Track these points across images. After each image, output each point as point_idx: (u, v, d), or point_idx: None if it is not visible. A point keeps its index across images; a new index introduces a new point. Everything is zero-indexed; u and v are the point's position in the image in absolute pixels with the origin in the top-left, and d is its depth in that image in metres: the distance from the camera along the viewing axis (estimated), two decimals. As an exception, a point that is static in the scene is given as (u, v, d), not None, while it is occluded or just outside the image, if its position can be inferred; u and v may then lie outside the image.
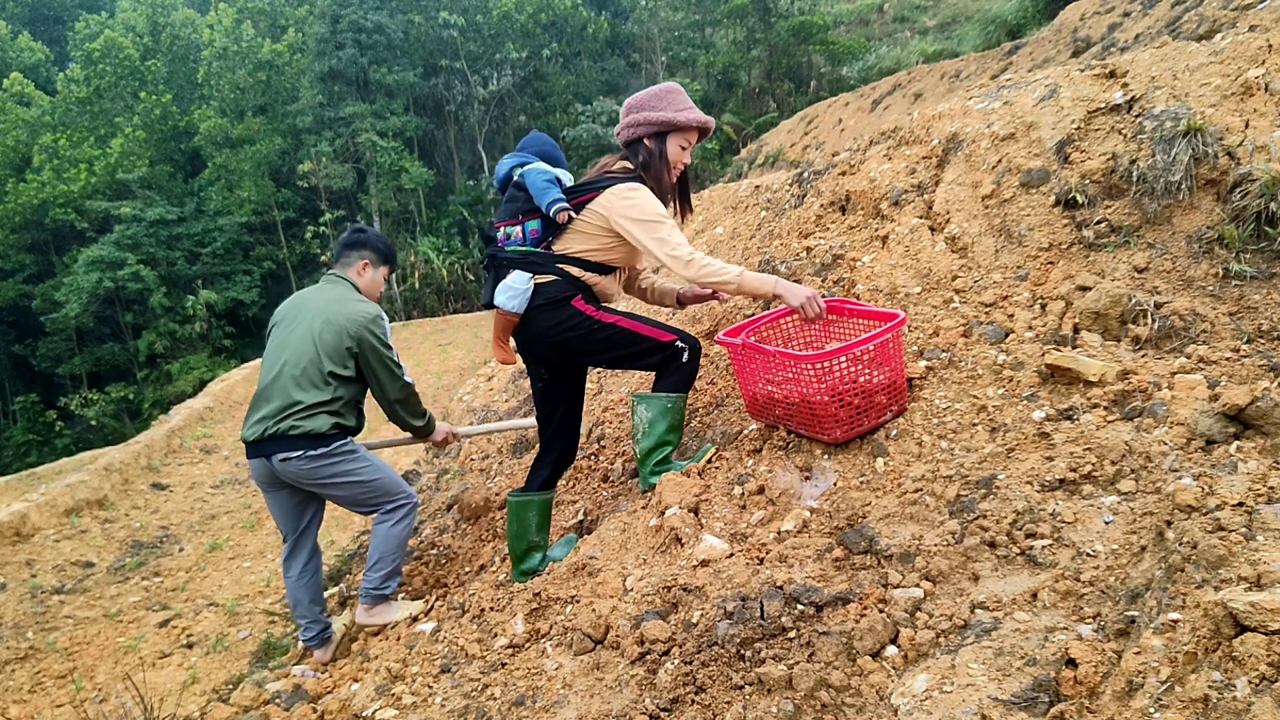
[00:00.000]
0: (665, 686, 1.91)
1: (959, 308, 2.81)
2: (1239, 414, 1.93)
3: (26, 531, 6.40)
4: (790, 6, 21.63)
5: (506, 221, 2.86)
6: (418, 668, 2.56)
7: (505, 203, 2.90)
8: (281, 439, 3.10)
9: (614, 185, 2.77)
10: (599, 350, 2.88)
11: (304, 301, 3.33)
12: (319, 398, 3.13)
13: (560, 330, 2.82)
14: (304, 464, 3.12)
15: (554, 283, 2.81)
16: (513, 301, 2.79)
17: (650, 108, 2.81)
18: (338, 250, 3.51)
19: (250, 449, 3.20)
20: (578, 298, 2.82)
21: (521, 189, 2.85)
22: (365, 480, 3.25)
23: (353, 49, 22.93)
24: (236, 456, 8.95)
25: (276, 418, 3.10)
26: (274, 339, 3.29)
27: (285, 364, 3.16)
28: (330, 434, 3.15)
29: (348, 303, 3.25)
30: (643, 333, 2.84)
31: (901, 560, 2.01)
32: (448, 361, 12.65)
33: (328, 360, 3.14)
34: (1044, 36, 9.20)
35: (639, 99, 2.85)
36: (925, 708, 1.57)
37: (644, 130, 2.82)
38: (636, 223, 2.70)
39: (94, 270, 21.43)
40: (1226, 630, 1.34)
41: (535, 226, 2.82)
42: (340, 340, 3.15)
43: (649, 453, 2.93)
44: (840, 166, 3.84)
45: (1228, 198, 2.52)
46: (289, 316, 3.30)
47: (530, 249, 2.83)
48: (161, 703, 3.65)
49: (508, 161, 2.97)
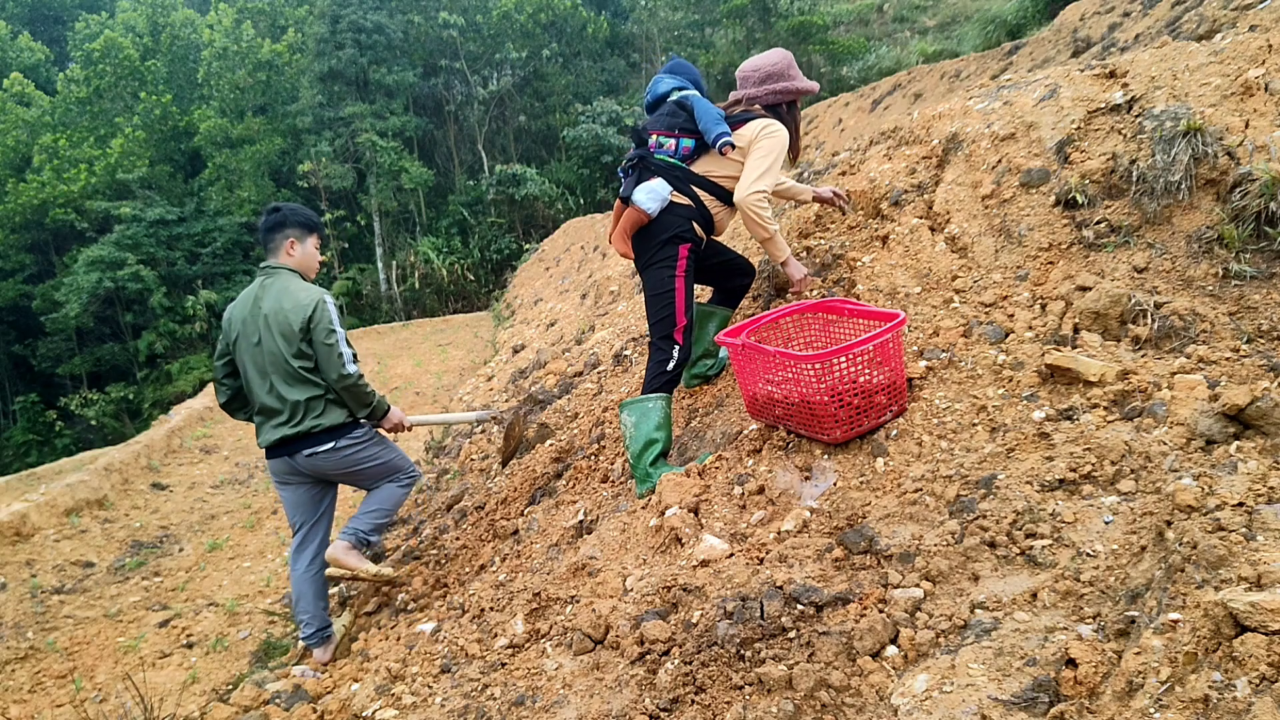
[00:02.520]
0: (665, 686, 1.91)
1: (959, 308, 2.81)
2: (1239, 414, 1.93)
3: (26, 531, 6.40)
4: (790, 6, 21.61)
5: (663, 132, 3.12)
6: (418, 668, 2.56)
7: (664, 115, 3.15)
8: (305, 437, 3.25)
9: (759, 120, 3.05)
10: (651, 285, 3.12)
11: (255, 307, 3.29)
12: (315, 391, 3.23)
13: (657, 257, 3.10)
14: (332, 455, 3.31)
15: (686, 208, 3.08)
16: (651, 203, 3.03)
17: (790, 77, 3.13)
18: (262, 239, 3.44)
19: (270, 451, 3.33)
20: (688, 245, 3.08)
21: (684, 109, 3.11)
22: (384, 461, 3.48)
23: (352, 49, 22.92)
24: (236, 456, 8.95)
25: (291, 422, 3.23)
26: (242, 350, 3.29)
27: (267, 372, 3.23)
28: (348, 423, 3.33)
29: (289, 294, 3.25)
30: (679, 306, 3.05)
31: (901, 560, 2.01)
32: (448, 361, 12.64)
33: (295, 358, 3.20)
34: (1044, 36, 9.20)
35: (778, 67, 3.13)
36: (925, 708, 1.57)
37: (787, 97, 3.14)
38: (758, 148, 2.97)
39: (94, 270, 21.42)
40: (1227, 630, 1.34)
41: (689, 145, 3.09)
42: (293, 334, 3.19)
43: (639, 454, 3.01)
44: (840, 166, 3.84)
45: (1228, 198, 2.52)
46: (246, 323, 3.29)
47: (677, 162, 3.11)
48: (161, 703, 3.65)
49: (668, 82, 3.23)
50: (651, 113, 3.26)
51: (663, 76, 3.29)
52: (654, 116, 3.22)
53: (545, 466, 4.04)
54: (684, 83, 3.24)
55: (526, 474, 4.09)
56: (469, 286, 21.94)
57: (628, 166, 3.21)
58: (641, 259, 3.18)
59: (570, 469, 3.76)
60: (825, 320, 2.93)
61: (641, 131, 3.22)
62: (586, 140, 21.94)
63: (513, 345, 10.45)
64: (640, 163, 3.16)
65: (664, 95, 3.23)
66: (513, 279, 18.73)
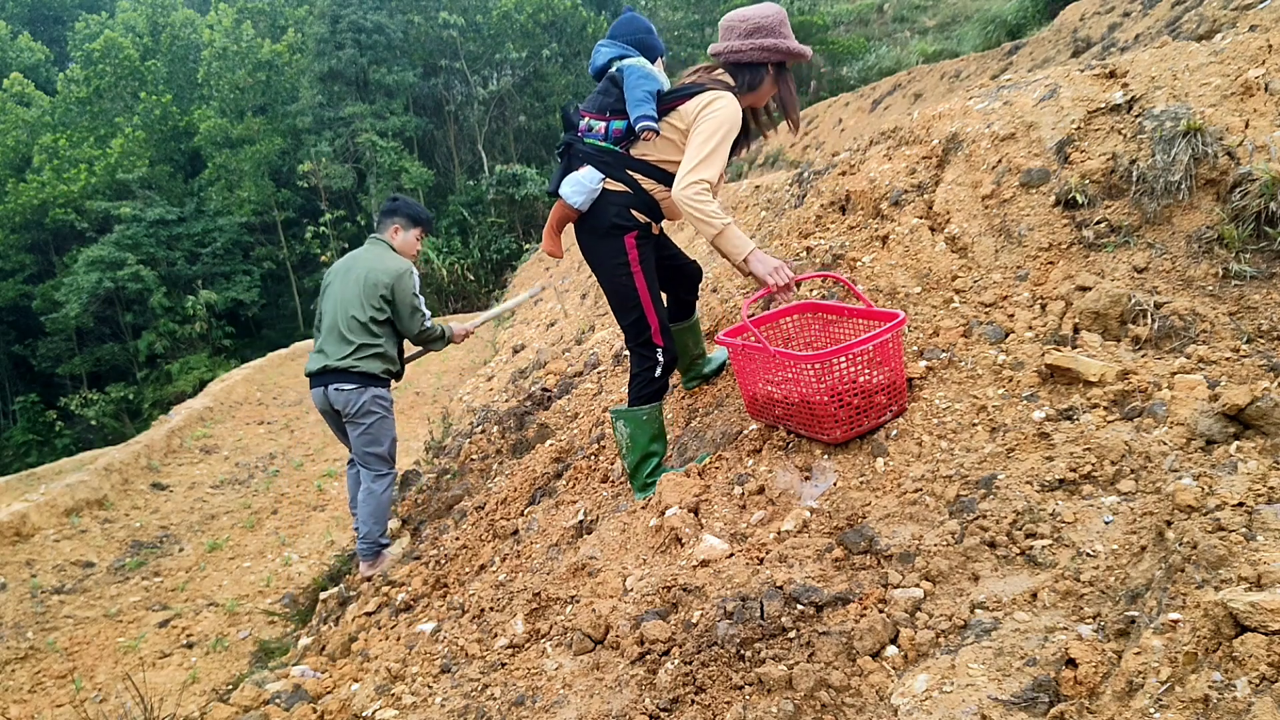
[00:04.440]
0: (665, 686, 1.91)
1: (959, 308, 2.81)
2: (1239, 414, 1.93)
3: (26, 531, 6.40)
4: (790, 6, 21.62)
5: (593, 114, 2.75)
6: (418, 668, 2.56)
7: (597, 94, 2.78)
8: (340, 373, 3.82)
9: (704, 93, 2.62)
10: (608, 287, 2.88)
11: (354, 260, 4.03)
12: (367, 340, 3.84)
13: (601, 254, 2.81)
14: (353, 395, 3.84)
15: (622, 194, 2.73)
16: (577, 197, 2.73)
17: (781, 35, 2.67)
18: (378, 217, 4.24)
19: (312, 380, 3.92)
20: (634, 234, 2.76)
21: (617, 85, 2.70)
22: (378, 438, 3.98)
23: (352, 49, 22.93)
24: (236, 456, 8.95)
25: (337, 356, 3.82)
26: (330, 292, 3.97)
27: (339, 312, 3.85)
28: (382, 376, 3.92)
29: (383, 259, 3.95)
30: (645, 305, 2.80)
31: (901, 560, 2.01)
32: (448, 361, 12.63)
33: (370, 307, 3.83)
34: (1044, 36, 9.20)
35: (769, 21, 2.66)
36: (925, 708, 1.57)
37: (774, 57, 2.68)
38: (698, 131, 2.57)
39: (94, 270, 21.43)
40: (1227, 630, 1.34)
41: (620, 127, 2.69)
42: (377, 289, 3.85)
43: (637, 467, 2.96)
44: (840, 166, 3.84)
45: (1228, 198, 2.52)
46: (341, 271, 3.98)
47: (609, 146, 2.73)
48: (161, 703, 3.65)
49: (607, 51, 2.80)
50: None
51: (602, 44, 2.84)
52: (589, 96, 2.84)
53: (545, 466, 4.04)
54: (624, 49, 2.76)
55: (526, 474, 4.09)
56: (469, 286, 21.95)
57: (558, 153, 2.88)
58: (591, 260, 2.89)
59: (570, 469, 3.76)
60: (825, 320, 2.93)
61: (570, 114, 2.86)
62: (586, 140, 21.92)
63: (513, 345, 10.45)
64: (568, 150, 2.81)
65: (603, 68, 2.79)
66: (513, 279, 18.73)
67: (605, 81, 2.76)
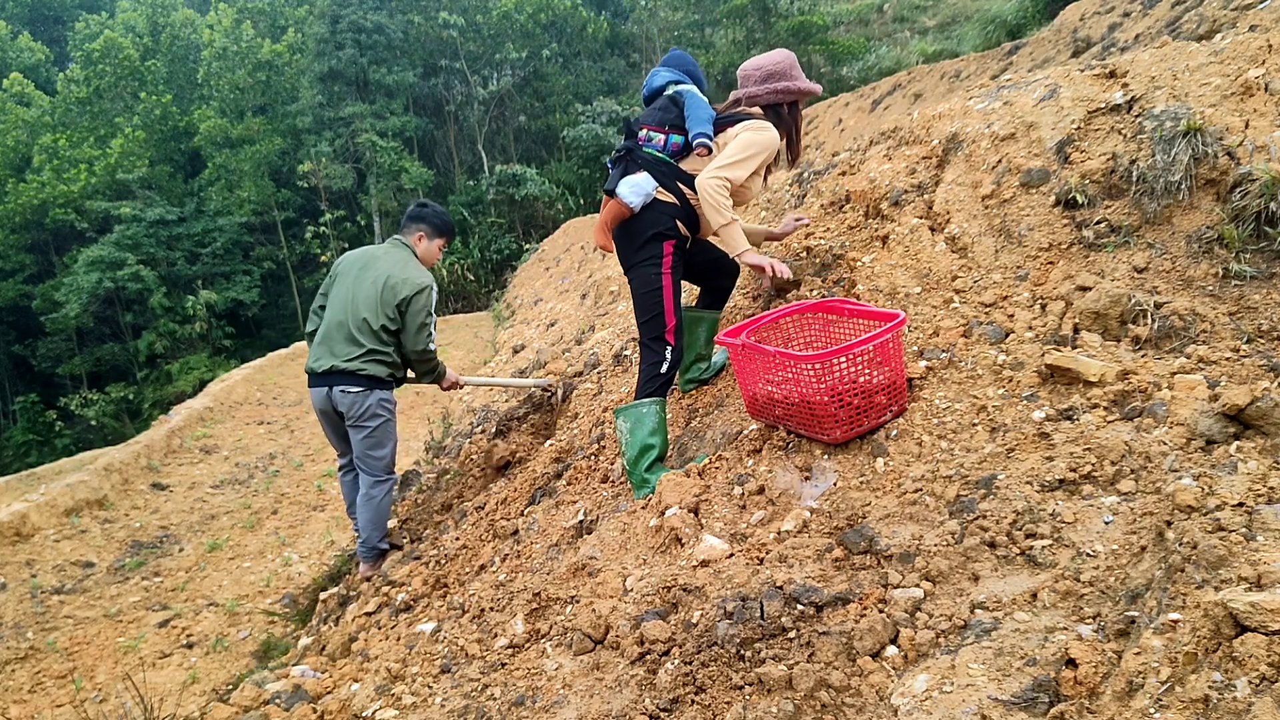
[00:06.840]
0: (665, 686, 1.91)
1: (959, 308, 2.81)
2: (1239, 414, 1.93)
3: (26, 531, 6.40)
4: (790, 6, 21.61)
5: (654, 126, 3.12)
6: (418, 668, 2.56)
7: (657, 109, 3.16)
8: (345, 374, 3.72)
9: (750, 120, 3.04)
10: (637, 285, 3.11)
11: (373, 258, 3.89)
12: (377, 345, 3.75)
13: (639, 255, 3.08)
14: (359, 398, 3.76)
15: (670, 205, 3.05)
16: (634, 198, 3.00)
17: (792, 77, 3.10)
18: (403, 220, 4.12)
19: (314, 379, 3.81)
20: (672, 242, 3.06)
21: (677, 104, 3.11)
22: (381, 441, 3.90)
23: (352, 49, 22.94)
24: (236, 457, 8.95)
25: (345, 357, 3.71)
26: (340, 285, 3.84)
27: (350, 311, 3.74)
28: (387, 380, 3.83)
29: (407, 269, 3.84)
30: (667, 306, 3.04)
31: (901, 560, 2.01)
32: (448, 362, 12.60)
33: (384, 315, 3.73)
34: (1044, 36, 9.20)
35: (780, 66, 3.10)
36: (925, 708, 1.57)
37: (787, 97, 3.11)
38: (738, 140, 2.94)
39: (94, 270, 21.44)
40: (1227, 630, 1.34)
41: (677, 141, 3.09)
42: (395, 298, 3.75)
43: (635, 460, 3.00)
44: (840, 166, 3.84)
45: (1228, 198, 2.52)
46: (357, 266, 3.86)
47: (665, 158, 3.09)
48: (161, 703, 3.65)
49: (664, 75, 3.23)
50: (648, 106, 3.24)
51: (659, 70, 3.27)
52: (647, 110, 3.21)
53: (545, 466, 4.04)
54: (680, 76, 3.22)
55: (526, 474, 4.09)
56: (469, 286, 21.94)
57: (615, 158, 3.19)
58: (626, 258, 3.15)
59: (570, 469, 3.76)
60: (825, 320, 2.93)
61: (632, 124, 3.20)
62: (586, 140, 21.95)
63: (513, 345, 10.46)
64: (627, 155, 3.13)
65: (660, 89, 3.21)
66: (513, 279, 18.73)
67: (664, 99, 3.16)
